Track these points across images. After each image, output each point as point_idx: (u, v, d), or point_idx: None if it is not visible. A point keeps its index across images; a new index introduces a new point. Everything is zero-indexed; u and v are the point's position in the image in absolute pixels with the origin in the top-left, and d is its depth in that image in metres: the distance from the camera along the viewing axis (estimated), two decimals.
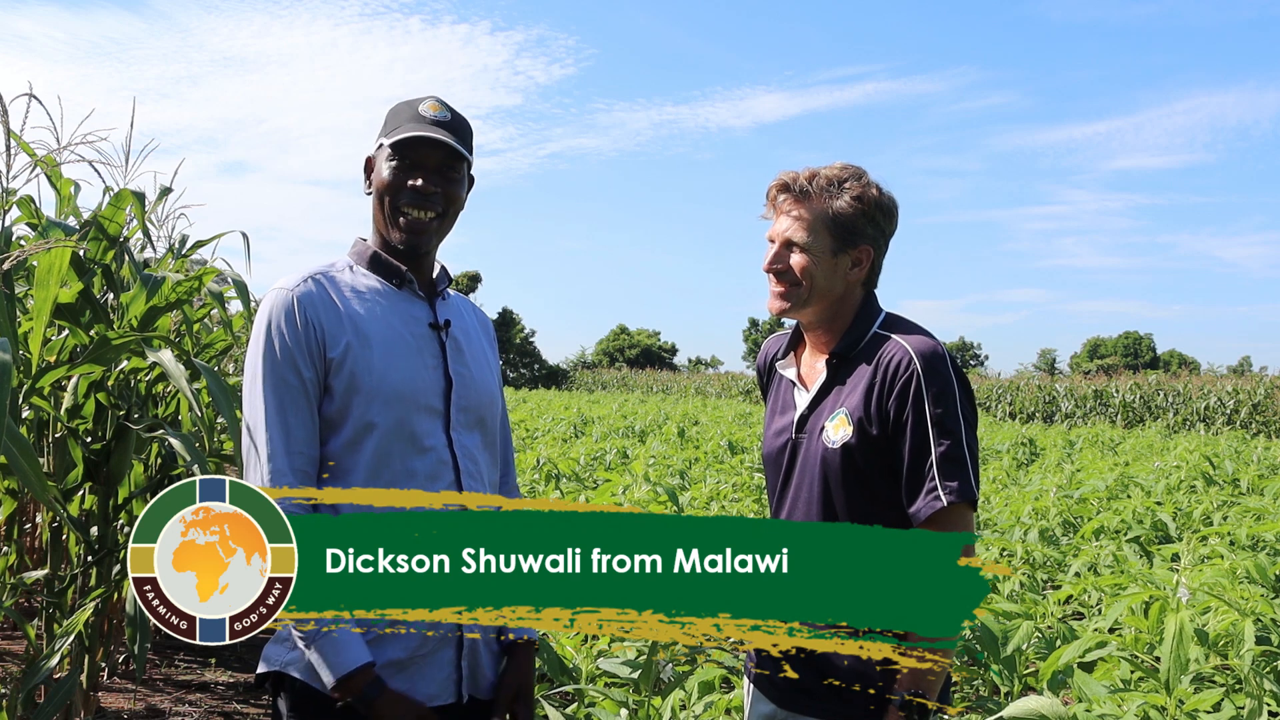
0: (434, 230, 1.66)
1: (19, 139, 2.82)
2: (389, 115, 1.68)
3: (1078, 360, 64.40)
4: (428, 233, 1.65)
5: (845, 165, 1.79)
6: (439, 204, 1.64)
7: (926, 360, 1.69)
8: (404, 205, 1.63)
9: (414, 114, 1.64)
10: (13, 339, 2.56)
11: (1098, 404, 27.24)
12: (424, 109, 1.64)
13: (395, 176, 1.63)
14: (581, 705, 2.81)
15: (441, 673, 1.60)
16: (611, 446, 10.16)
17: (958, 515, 1.65)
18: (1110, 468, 8.85)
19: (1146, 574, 3.69)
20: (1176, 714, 2.50)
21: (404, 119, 1.64)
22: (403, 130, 1.62)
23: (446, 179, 1.65)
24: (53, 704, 2.68)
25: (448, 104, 1.67)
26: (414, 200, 1.62)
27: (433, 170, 1.63)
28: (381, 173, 1.64)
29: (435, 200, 1.64)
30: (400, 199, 1.63)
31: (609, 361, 62.25)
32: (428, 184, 1.62)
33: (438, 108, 1.65)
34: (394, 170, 1.62)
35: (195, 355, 3.67)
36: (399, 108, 1.67)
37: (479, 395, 1.70)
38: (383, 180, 1.64)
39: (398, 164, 1.62)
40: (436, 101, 1.66)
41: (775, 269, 1.79)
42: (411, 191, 1.62)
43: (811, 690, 1.75)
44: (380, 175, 1.65)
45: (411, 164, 1.62)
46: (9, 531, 3.82)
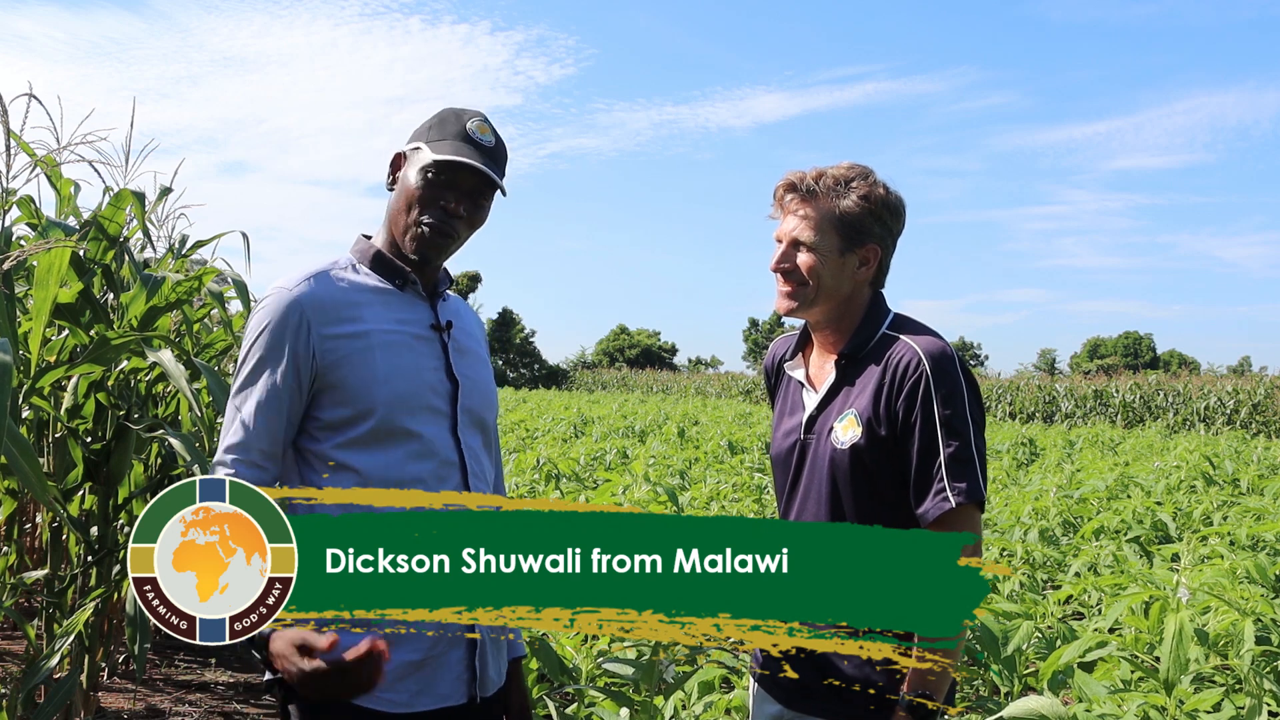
0: (447, 251, 1.65)
1: (19, 139, 2.82)
2: (436, 121, 1.64)
3: (1078, 360, 64.41)
4: (444, 251, 1.64)
5: (852, 165, 1.79)
6: (462, 230, 1.63)
7: (935, 361, 1.69)
8: (427, 219, 1.60)
9: (461, 131, 1.61)
10: (13, 339, 2.56)
11: (1098, 404, 27.24)
12: (472, 127, 1.61)
13: (427, 191, 1.59)
14: (581, 705, 2.81)
15: (453, 673, 1.60)
16: (611, 446, 10.17)
17: (966, 516, 1.65)
18: (1110, 468, 8.85)
19: (1146, 574, 3.69)
20: (1176, 714, 2.50)
21: (450, 133, 1.61)
22: (447, 148, 1.58)
23: (475, 204, 1.63)
24: (53, 704, 2.68)
25: (493, 126, 1.65)
26: (439, 219, 1.60)
27: (465, 194, 1.61)
28: (411, 179, 1.61)
29: (458, 225, 1.62)
30: (426, 214, 1.60)
31: (609, 361, 62.25)
32: (457, 207, 1.60)
33: (485, 130, 1.62)
34: (427, 184, 1.59)
35: (195, 355, 3.67)
36: (447, 116, 1.63)
37: (482, 397, 1.69)
38: (412, 189, 1.60)
39: (432, 179, 1.59)
40: (484, 123, 1.63)
41: (782, 268, 1.79)
42: (440, 210, 1.60)
43: (815, 690, 1.75)
44: (410, 182, 1.61)
45: (446, 183, 1.59)
46: (9, 531, 3.82)
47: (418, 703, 1.56)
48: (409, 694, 1.56)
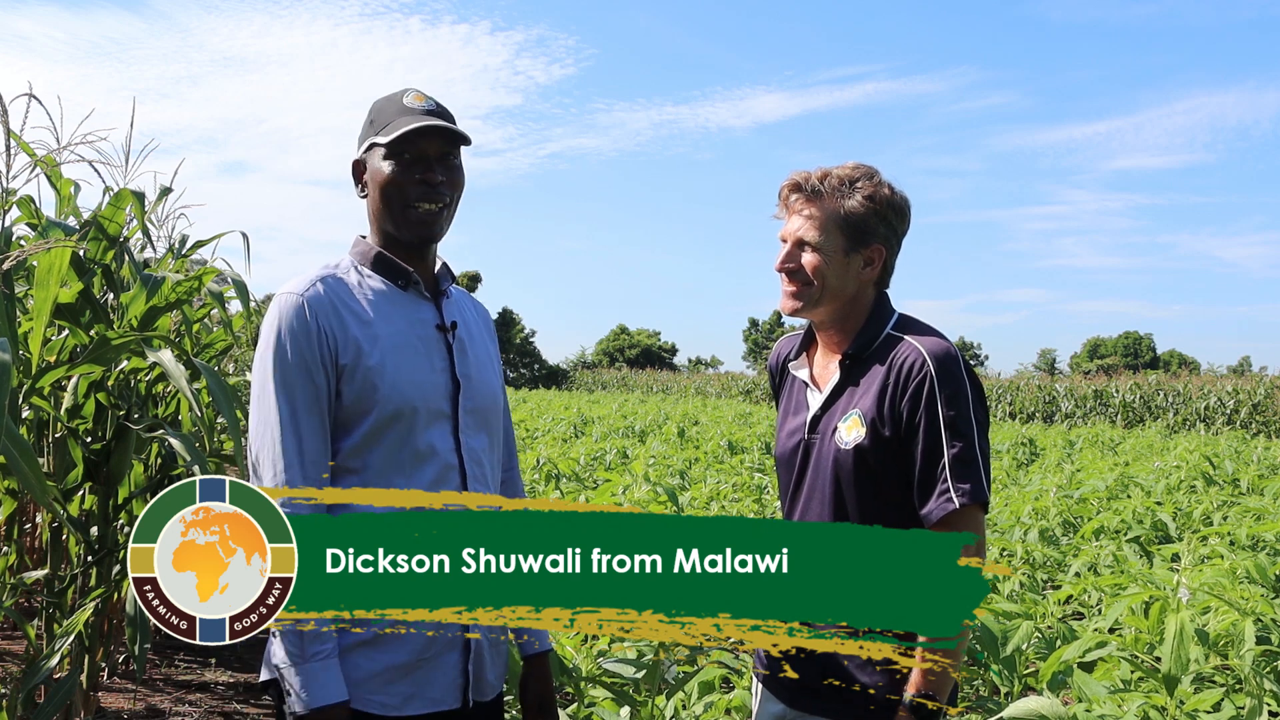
0: (444, 219, 1.65)
1: (19, 139, 2.82)
2: (374, 113, 1.65)
3: (1078, 360, 64.41)
4: (439, 222, 1.64)
5: (857, 165, 1.79)
6: (446, 193, 1.63)
7: (940, 362, 1.69)
8: (414, 200, 1.61)
9: (401, 108, 1.61)
10: (13, 339, 2.56)
11: (1098, 404, 27.23)
12: (409, 101, 1.62)
13: (400, 173, 1.60)
14: (582, 705, 2.81)
15: (446, 677, 1.59)
16: (611, 446, 10.17)
17: (969, 517, 1.65)
18: (1110, 468, 8.85)
19: (1146, 574, 3.69)
20: (1176, 714, 2.50)
21: (393, 114, 1.61)
22: (399, 125, 1.58)
23: (449, 166, 1.64)
24: (53, 704, 2.68)
25: (426, 93, 1.65)
26: (423, 195, 1.61)
27: (436, 160, 1.62)
28: (381, 171, 1.61)
29: (443, 190, 1.62)
30: (409, 195, 1.61)
31: (609, 361, 62.24)
32: (434, 175, 1.61)
33: (422, 98, 1.63)
34: (397, 167, 1.60)
35: (195, 355, 3.67)
36: (382, 104, 1.64)
37: (485, 397, 1.69)
38: (385, 178, 1.61)
39: (400, 160, 1.60)
40: (419, 93, 1.64)
41: (788, 268, 1.79)
42: (420, 186, 1.61)
43: (817, 690, 1.75)
44: (380, 174, 1.61)
45: (413, 158, 1.60)
46: (9, 531, 3.82)
47: (409, 706, 1.55)
48: (401, 698, 1.55)
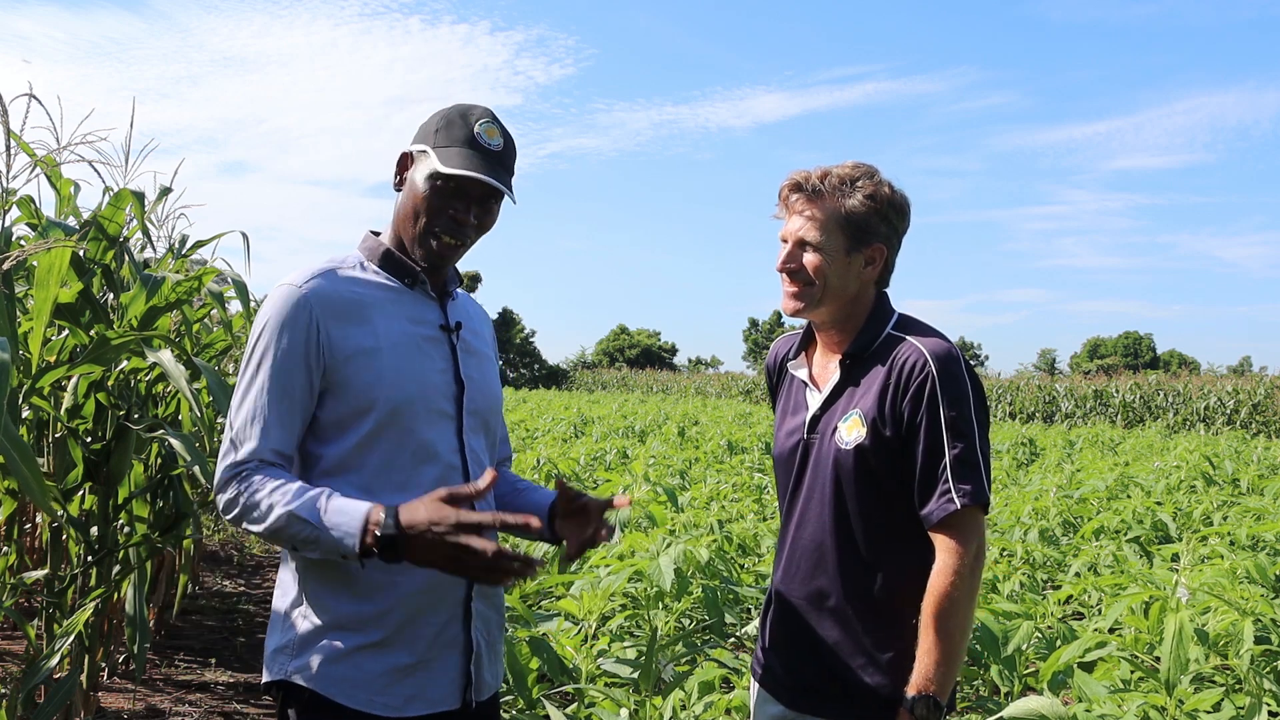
0: (459, 255, 1.63)
1: (19, 139, 2.82)
2: (443, 123, 1.58)
3: (1078, 360, 64.41)
4: (454, 257, 1.62)
5: (857, 164, 1.78)
6: (472, 234, 1.61)
7: (941, 363, 1.68)
8: (438, 229, 1.58)
9: (469, 136, 1.55)
10: (13, 339, 2.55)
11: (1098, 404, 27.23)
12: (480, 131, 1.56)
13: (435, 200, 1.56)
14: (581, 705, 2.81)
15: (447, 678, 1.58)
16: (611, 446, 10.16)
17: (970, 518, 1.65)
18: (1110, 468, 8.85)
19: (1146, 574, 3.70)
20: (1176, 714, 2.50)
21: (457, 138, 1.55)
22: (454, 157, 1.53)
23: (485, 210, 1.60)
24: (53, 704, 2.68)
25: (501, 124, 1.60)
26: (450, 229, 1.57)
27: (475, 201, 1.58)
28: (419, 186, 1.57)
29: (469, 231, 1.60)
30: (436, 223, 1.57)
31: (609, 361, 62.24)
32: (466, 215, 1.57)
33: (494, 133, 1.57)
34: (435, 192, 1.56)
35: (195, 355, 3.67)
36: (454, 119, 1.57)
37: (487, 399, 1.68)
38: (419, 196, 1.57)
39: (440, 187, 1.56)
40: (492, 124, 1.57)
41: (789, 268, 1.78)
42: (449, 219, 1.57)
43: (820, 690, 1.75)
44: (418, 189, 1.57)
45: (454, 192, 1.56)
46: (9, 531, 3.83)
47: (411, 707, 1.54)
48: (402, 699, 1.54)
